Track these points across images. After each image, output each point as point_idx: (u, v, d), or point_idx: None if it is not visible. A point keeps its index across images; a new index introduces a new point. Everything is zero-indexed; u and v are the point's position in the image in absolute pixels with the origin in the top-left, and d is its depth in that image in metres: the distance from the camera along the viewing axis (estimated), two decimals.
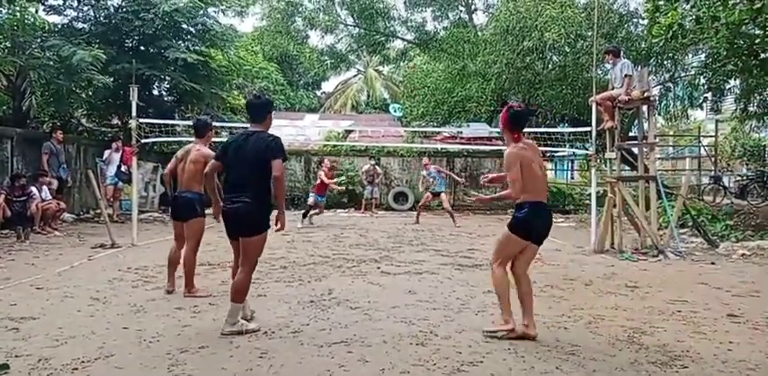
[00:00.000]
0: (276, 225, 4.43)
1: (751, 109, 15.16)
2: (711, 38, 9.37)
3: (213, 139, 6.58)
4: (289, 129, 19.93)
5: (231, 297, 4.40)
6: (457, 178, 15.47)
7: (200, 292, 5.70)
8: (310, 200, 13.01)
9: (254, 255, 4.44)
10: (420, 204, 14.24)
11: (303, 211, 13.15)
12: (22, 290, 5.84)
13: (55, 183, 11.18)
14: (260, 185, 4.35)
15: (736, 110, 15.91)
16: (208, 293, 5.72)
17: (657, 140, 12.47)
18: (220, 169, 4.56)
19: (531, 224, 4.36)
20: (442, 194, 13.68)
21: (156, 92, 16.06)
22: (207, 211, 5.57)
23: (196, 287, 5.76)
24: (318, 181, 13.20)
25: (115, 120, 16.03)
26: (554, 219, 4.89)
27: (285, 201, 4.69)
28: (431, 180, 13.64)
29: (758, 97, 14.57)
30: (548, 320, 4.94)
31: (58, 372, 3.58)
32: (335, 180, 14.58)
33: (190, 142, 6.22)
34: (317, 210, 13.17)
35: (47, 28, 11.35)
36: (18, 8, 10.47)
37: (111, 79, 13.29)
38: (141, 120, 9.70)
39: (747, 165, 22.05)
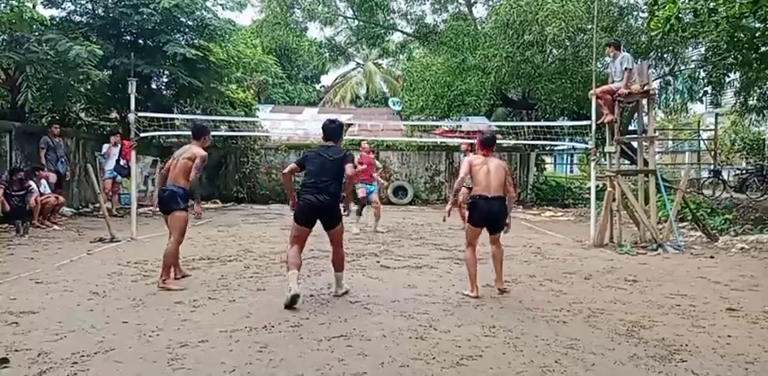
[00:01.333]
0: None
1: (751, 102, 15.13)
2: (711, 31, 9.33)
3: (212, 133, 6.68)
4: (288, 123, 19.90)
5: (339, 267, 5.59)
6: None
7: (174, 286, 5.76)
8: (360, 192, 10.70)
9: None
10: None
11: (357, 209, 10.64)
12: (22, 285, 5.84)
13: (53, 177, 11.16)
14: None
15: (735, 103, 15.88)
16: (182, 287, 5.75)
17: (657, 134, 12.47)
18: (297, 171, 5.52)
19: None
20: None
21: (154, 86, 16.00)
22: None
23: (171, 279, 5.89)
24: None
25: (114, 114, 15.99)
26: (554, 213, 4.93)
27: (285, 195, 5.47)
28: None
29: (758, 91, 14.54)
30: (547, 314, 4.95)
31: (57, 366, 3.59)
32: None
33: (188, 136, 6.36)
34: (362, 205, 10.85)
35: (45, 23, 11.29)
36: (16, 2, 10.41)
37: (110, 73, 13.26)
38: (140, 114, 9.68)
39: (747, 158, 22.03)
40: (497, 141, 6.18)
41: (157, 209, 6.62)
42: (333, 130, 5.70)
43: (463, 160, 5.84)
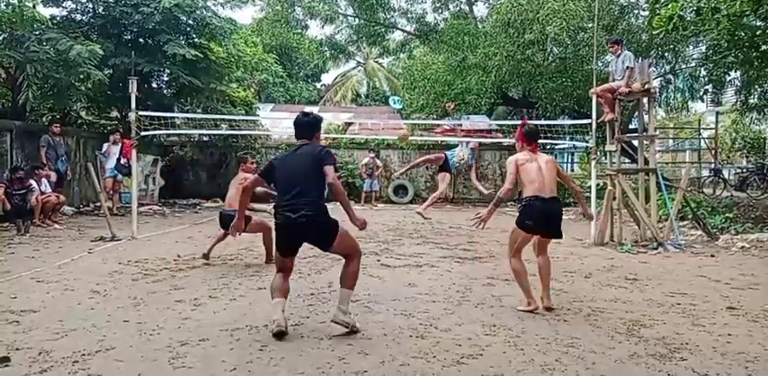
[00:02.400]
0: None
1: (751, 101, 15.13)
2: (712, 29, 9.33)
3: (213, 132, 6.78)
4: (288, 122, 19.82)
5: (346, 282, 4.39)
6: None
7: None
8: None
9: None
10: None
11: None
12: (23, 283, 5.84)
13: (53, 176, 11.17)
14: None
15: (736, 102, 15.88)
16: None
17: (658, 133, 12.46)
18: (261, 184, 4.79)
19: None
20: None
21: (154, 85, 16.02)
22: None
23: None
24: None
25: (114, 113, 16.00)
26: None
27: None
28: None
29: (759, 89, 14.54)
30: (547, 313, 4.95)
31: (58, 365, 3.59)
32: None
33: (189, 135, 6.43)
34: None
35: (45, 22, 11.29)
36: (16, 1, 10.41)
37: (110, 72, 13.25)
38: (140, 113, 9.68)
39: (747, 157, 22.04)
40: (497, 140, 6.14)
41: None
42: (306, 126, 4.62)
43: (509, 159, 5.20)
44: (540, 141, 5.71)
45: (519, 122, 6.02)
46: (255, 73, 22.05)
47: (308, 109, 23.26)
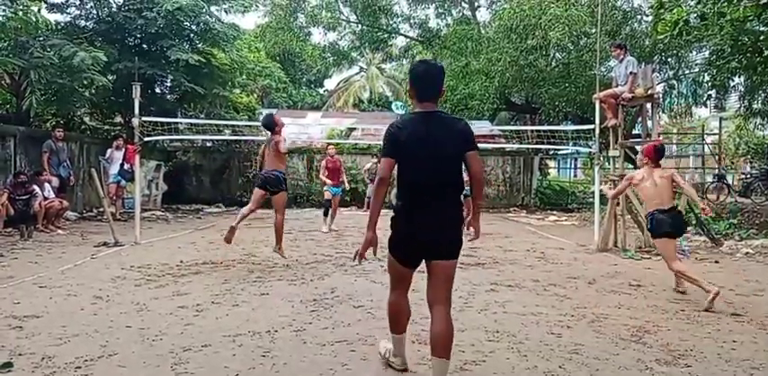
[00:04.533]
0: None
1: (755, 106, 15.10)
2: (716, 35, 9.32)
3: (215, 137, 7.03)
4: (292, 128, 19.90)
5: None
6: None
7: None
8: (326, 194, 11.36)
9: None
10: None
11: (323, 210, 11.57)
12: (26, 289, 5.85)
13: (55, 181, 11.17)
14: None
15: (740, 107, 15.84)
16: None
17: (661, 138, 12.43)
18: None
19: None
20: None
21: (158, 90, 16.03)
22: None
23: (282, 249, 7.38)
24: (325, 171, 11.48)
25: (118, 119, 16.02)
26: (557, 218, 4.93)
27: (288, 200, 4.95)
28: None
29: (762, 95, 14.52)
30: (551, 319, 4.93)
31: (61, 371, 3.59)
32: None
33: (192, 141, 6.66)
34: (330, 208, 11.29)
35: (50, 27, 11.33)
36: (21, 7, 10.46)
37: (114, 78, 13.29)
38: (144, 119, 9.70)
39: (751, 163, 21.97)
40: (500, 146, 6.23)
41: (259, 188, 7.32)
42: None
43: (627, 176, 6.28)
44: (542, 146, 6.10)
45: (522, 128, 6.18)
46: (258, 78, 22.09)
47: (310, 114, 23.17)
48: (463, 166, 3.44)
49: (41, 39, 11.27)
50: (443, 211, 3.44)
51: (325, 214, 11.38)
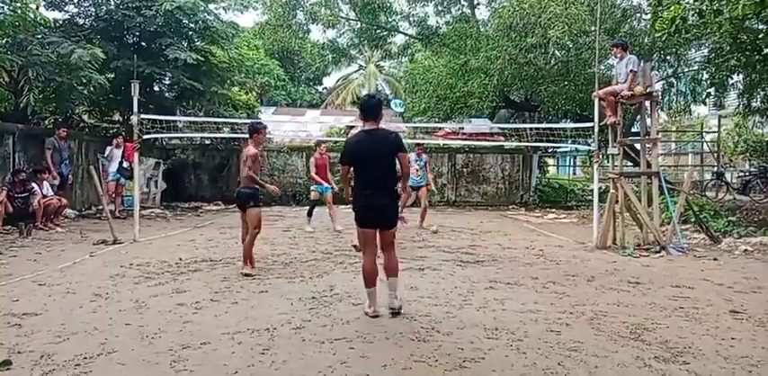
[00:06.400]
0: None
1: (754, 104, 15.07)
2: (715, 33, 9.31)
3: (214, 135, 6.86)
4: (290, 125, 19.93)
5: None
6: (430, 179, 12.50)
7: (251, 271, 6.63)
8: (313, 194, 11.34)
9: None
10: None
11: (308, 210, 11.50)
12: (25, 287, 5.85)
13: (57, 180, 11.18)
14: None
15: (739, 105, 15.81)
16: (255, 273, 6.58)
17: (660, 136, 12.45)
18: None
19: None
20: (423, 189, 11.62)
21: (156, 88, 16.03)
22: None
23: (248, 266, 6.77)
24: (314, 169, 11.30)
25: (116, 117, 16.02)
26: (556, 215, 4.93)
27: (287, 197, 5.36)
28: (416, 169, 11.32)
29: (761, 92, 14.48)
30: (550, 316, 4.94)
31: (60, 368, 3.59)
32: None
33: (191, 138, 6.47)
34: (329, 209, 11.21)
35: (48, 25, 11.31)
36: (19, 5, 10.44)
37: (112, 76, 13.27)
38: (142, 117, 9.70)
39: (750, 160, 21.96)
40: (499, 144, 6.20)
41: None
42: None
43: None
44: (541, 144, 5.93)
45: (521, 126, 6.13)
46: (257, 76, 22.07)
47: (309, 112, 23.28)
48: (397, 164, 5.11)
49: (40, 36, 11.25)
50: (384, 195, 5.05)
51: (309, 214, 11.31)
